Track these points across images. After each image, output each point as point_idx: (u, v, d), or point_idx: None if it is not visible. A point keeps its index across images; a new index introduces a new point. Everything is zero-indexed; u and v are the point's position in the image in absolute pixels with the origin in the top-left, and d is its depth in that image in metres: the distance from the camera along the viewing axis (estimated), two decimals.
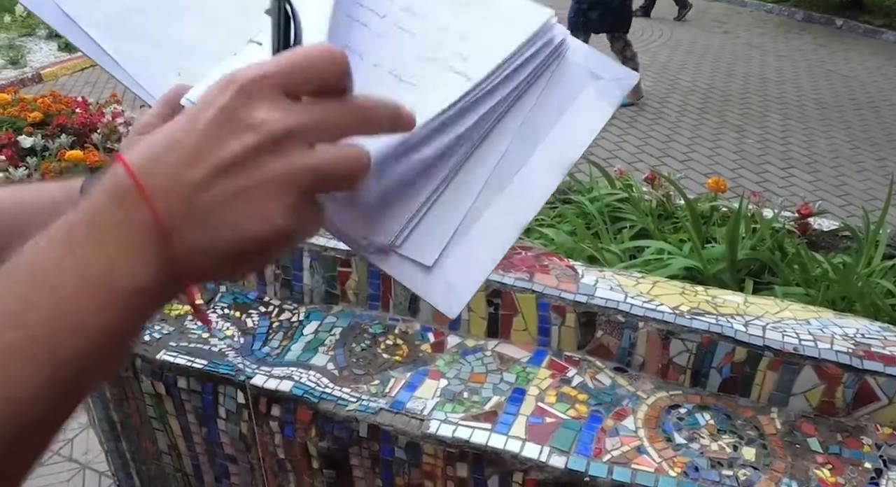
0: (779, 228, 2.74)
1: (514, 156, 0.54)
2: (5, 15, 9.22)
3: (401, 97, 0.48)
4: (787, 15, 10.44)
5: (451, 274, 0.50)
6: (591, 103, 0.56)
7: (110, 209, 0.34)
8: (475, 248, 0.51)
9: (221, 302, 1.68)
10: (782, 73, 7.24)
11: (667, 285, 1.48)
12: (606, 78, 0.57)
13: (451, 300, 0.49)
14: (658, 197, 2.93)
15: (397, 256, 0.49)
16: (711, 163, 4.80)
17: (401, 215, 0.49)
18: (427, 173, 0.50)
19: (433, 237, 0.50)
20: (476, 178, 0.52)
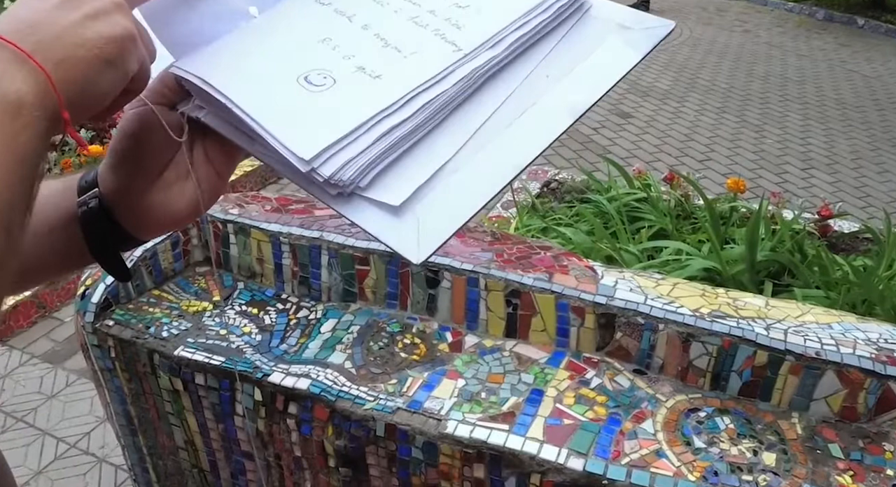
0: (799, 230, 2.72)
1: (519, 100, 0.51)
2: None
3: (383, 62, 0.50)
4: (809, 14, 10.35)
5: (423, 215, 0.46)
6: (615, 51, 0.53)
7: None
8: (458, 189, 0.47)
9: (239, 299, 1.68)
10: (803, 73, 7.17)
11: (687, 287, 1.47)
12: (635, 28, 0.54)
13: (419, 243, 0.45)
14: (677, 197, 2.91)
15: (361, 199, 0.46)
16: (731, 163, 4.76)
17: (371, 151, 0.46)
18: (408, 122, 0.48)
19: (405, 178, 0.47)
20: (466, 124, 0.50)
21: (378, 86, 0.49)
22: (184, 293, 1.70)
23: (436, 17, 0.53)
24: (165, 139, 0.51)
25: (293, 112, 0.48)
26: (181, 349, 1.50)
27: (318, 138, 0.46)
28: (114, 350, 1.58)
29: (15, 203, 0.39)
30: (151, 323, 1.57)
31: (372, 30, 0.53)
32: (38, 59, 0.41)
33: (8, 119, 0.39)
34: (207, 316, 1.62)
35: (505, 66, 0.52)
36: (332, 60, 0.51)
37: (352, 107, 0.47)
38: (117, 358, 1.59)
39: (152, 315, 1.61)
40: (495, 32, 0.52)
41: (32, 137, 0.40)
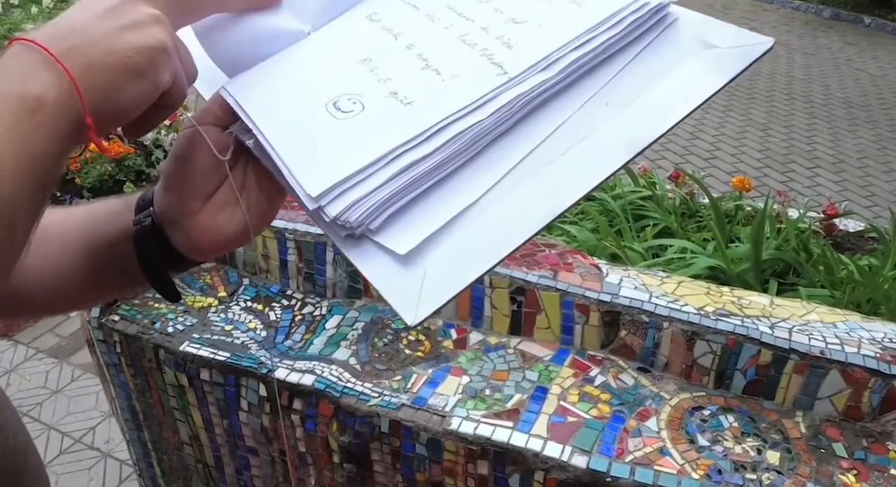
0: (804, 229, 2.71)
1: (571, 133, 0.44)
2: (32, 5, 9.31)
3: (419, 86, 0.45)
4: (815, 12, 10.32)
5: (428, 272, 0.41)
6: (694, 74, 0.45)
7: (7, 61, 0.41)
8: (473, 242, 0.41)
9: (244, 295, 1.68)
10: (809, 72, 7.16)
11: (692, 285, 1.47)
12: (722, 47, 0.46)
13: (419, 301, 0.40)
14: (682, 195, 2.91)
15: (369, 243, 0.42)
16: (736, 161, 4.76)
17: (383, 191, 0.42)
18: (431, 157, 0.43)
19: (418, 223, 0.42)
20: (501, 160, 0.43)
21: (407, 114, 0.44)
22: (189, 289, 1.71)
23: (487, 34, 0.47)
24: (216, 161, 0.50)
25: (312, 142, 0.44)
26: (186, 344, 1.50)
27: (329, 174, 0.42)
28: (119, 345, 1.59)
29: (21, 200, 0.39)
30: (157, 319, 1.58)
31: (416, 49, 0.48)
32: (65, 63, 0.41)
33: (25, 116, 0.39)
34: (213, 312, 1.62)
35: (559, 93, 0.45)
36: (365, 84, 0.46)
37: (373, 138, 0.43)
38: (123, 353, 1.59)
39: (158, 310, 1.61)
40: (550, 52, 0.45)
41: (48, 137, 0.40)
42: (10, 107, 0.39)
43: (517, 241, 0.41)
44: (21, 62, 0.41)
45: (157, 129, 3.76)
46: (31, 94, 0.40)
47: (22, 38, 0.42)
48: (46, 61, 0.41)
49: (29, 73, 0.40)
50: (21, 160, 0.39)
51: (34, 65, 0.41)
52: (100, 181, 3.42)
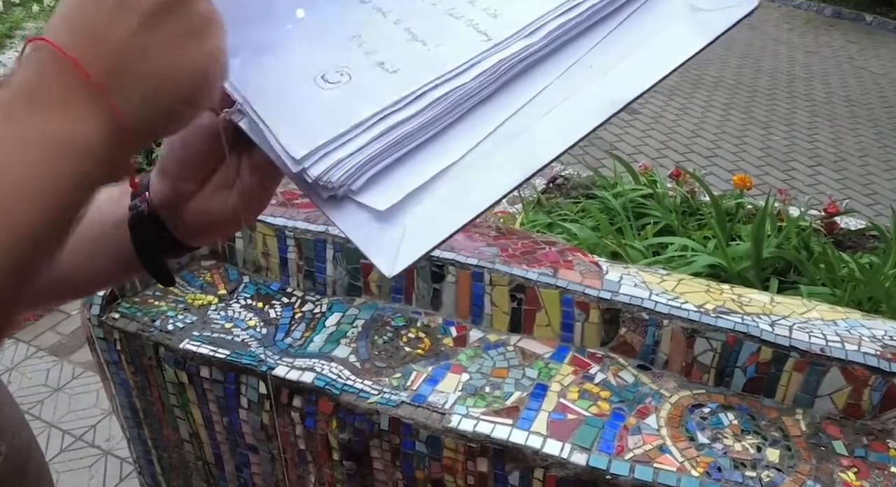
0: (805, 227, 2.71)
1: (552, 96, 0.45)
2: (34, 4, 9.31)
3: (405, 56, 0.46)
4: (816, 10, 10.31)
5: (408, 225, 0.42)
6: (676, 36, 0.45)
7: (42, 82, 0.35)
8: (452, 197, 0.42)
9: (244, 293, 1.68)
10: (810, 70, 7.15)
11: (692, 283, 1.47)
12: (708, 8, 0.46)
13: (397, 254, 0.41)
14: (683, 193, 2.91)
15: (351, 203, 0.43)
16: (737, 159, 4.75)
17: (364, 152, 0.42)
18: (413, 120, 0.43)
19: (399, 182, 0.43)
20: (483, 123, 0.44)
21: (392, 81, 0.45)
22: (189, 286, 1.71)
23: (474, 7, 0.47)
24: (211, 145, 0.50)
25: (299, 111, 0.45)
26: (186, 342, 1.50)
27: (313, 137, 0.42)
28: (119, 342, 1.59)
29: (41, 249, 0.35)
30: (157, 317, 1.58)
31: (403, 24, 0.48)
32: (112, 97, 0.35)
33: (64, 163, 0.34)
34: (213, 310, 1.62)
35: (544, 58, 0.45)
36: (353, 57, 0.47)
37: (357, 104, 0.44)
38: (123, 350, 1.59)
39: (158, 308, 1.61)
40: (535, 19, 0.45)
41: (83, 183, 0.36)
42: (49, 151, 0.34)
43: (494, 197, 0.42)
44: (57, 86, 0.35)
45: None
46: (76, 138, 0.35)
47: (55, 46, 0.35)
48: (90, 91, 0.35)
49: (79, 114, 0.35)
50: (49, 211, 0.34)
51: (82, 101, 0.35)
52: None
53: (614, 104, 0.43)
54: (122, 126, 0.36)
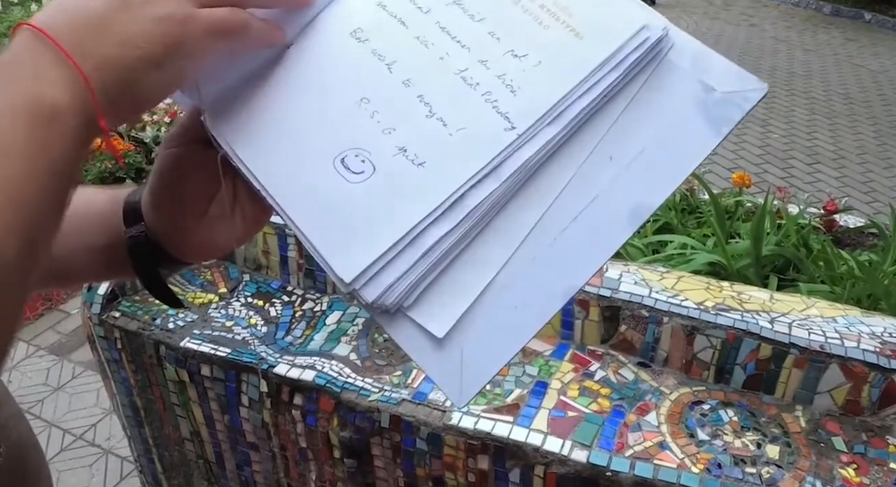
0: (804, 224, 2.71)
1: (575, 196, 0.43)
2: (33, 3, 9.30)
3: (427, 141, 0.44)
4: (815, 8, 10.32)
5: (467, 351, 0.41)
6: (693, 127, 0.43)
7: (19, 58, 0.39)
8: (504, 318, 0.42)
9: (245, 291, 1.69)
10: (809, 68, 7.15)
11: (692, 280, 1.47)
12: (720, 91, 0.43)
13: (462, 386, 0.41)
14: (682, 191, 2.91)
15: (406, 319, 0.42)
16: (736, 157, 4.75)
17: (414, 271, 0.42)
18: (455, 231, 0.42)
19: (449, 300, 0.42)
20: (516, 226, 0.43)
21: (422, 178, 0.43)
22: (190, 285, 1.71)
23: (488, 70, 0.45)
24: (206, 181, 0.49)
25: (330, 212, 0.43)
26: (187, 340, 1.51)
27: (359, 256, 0.42)
28: (120, 341, 1.59)
29: (44, 213, 0.37)
30: (158, 315, 1.58)
31: (414, 88, 0.45)
32: (77, 60, 0.38)
33: (42, 127, 0.37)
34: (213, 308, 1.63)
35: (564, 144, 0.44)
36: (370, 135, 0.45)
37: (394, 210, 0.42)
38: (123, 349, 1.60)
39: (158, 307, 1.61)
40: (556, 101, 0.43)
41: (66, 147, 0.38)
42: (25, 118, 0.36)
43: (543, 320, 0.42)
44: (32, 60, 0.38)
45: (157, 127, 3.76)
46: (46, 102, 0.37)
47: (30, 24, 0.39)
48: (59, 60, 0.38)
49: (42, 77, 0.38)
50: (41, 174, 0.36)
51: (46, 64, 0.38)
52: (100, 178, 3.42)
53: (645, 211, 0.42)
54: (92, 88, 0.38)
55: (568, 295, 0.42)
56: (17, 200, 0.35)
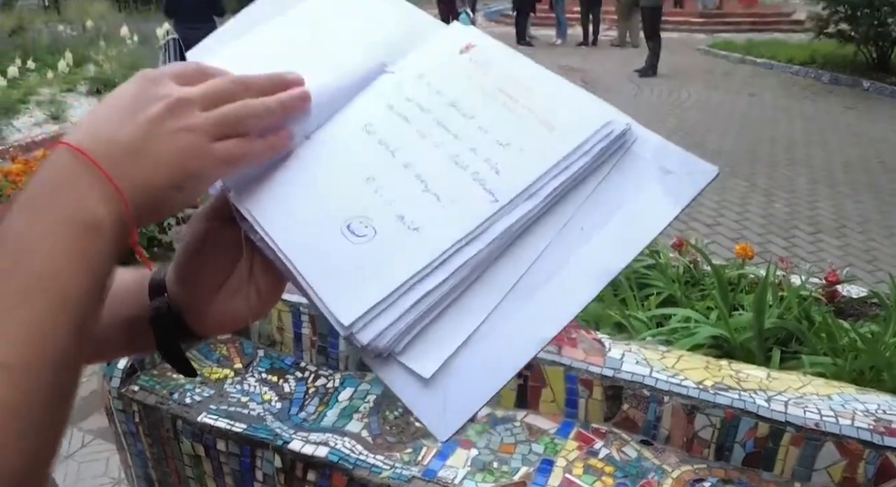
0: (806, 296, 2.75)
1: (551, 259, 0.49)
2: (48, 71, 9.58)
3: (422, 211, 0.51)
4: (814, 77, 10.54)
5: (450, 392, 0.46)
6: (653, 202, 0.50)
7: (64, 174, 0.45)
8: (484, 363, 0.47)
9: (259, 367, 1.74)
10: (809, 136, 7.29)
11: (691, 359, 1.52)
12: (677, 172, 0.50)
13: (444, 422, 0.46)
14: (685, 263, 2.96)
15: (395, 362, 0.47)
16: (739, 227, 4.83)
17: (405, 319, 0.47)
18: (443, 285, 0.48)
19: (435, 346, 0.47)
20: (497, 285, 0.49)
21: (416, 240, 0.50)
22: (206, 360, 1.77)
23: (476, 156, 0.53)
24: (226, 256, 0.56)
25: (335, 267, 0.50)
26: (203, 415, 1.55)
27: (357, 303, 0.48)
28: (138, 414, 1.64)
29: (88, 312, 0.44)
30: (175, 390, 1.63)
31: (413, 169, 0.53)
32: (117, 182, 0.45)
33: (86, 238, 0.44)
34: (229, 384, 1.68)
35: (541, 216, 0.51)
36: (374, 206, 0.52)
37: (390, 266, 0.49)
38: (141, 422, 1.64)
39: (176, 381, 1.67)
40: (533, 180, 0.50)
41: (105, 253, 0.45)
42: (74, 233, 0.43)
43: (519, 364, 0.47)
44: (75, 178, 0.44)
45: None
46: (91, 219, 0.43)
47: (72, 146, 0.45)
48: (99, 180, 0.44)
49: (87, 196, 0.44)
50: (85, 277, 0.43)
51: (88, 183, 0.44)
52: None
53: (608, 273, 0.48)
54: (126, 206, 0.45)
55: (540, 345, 0.47)
56: (68, 301, 0.42)
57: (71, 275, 0.43)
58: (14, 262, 0.42)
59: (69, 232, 0.43)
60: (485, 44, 0.60)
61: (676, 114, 8.19)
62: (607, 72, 10.94)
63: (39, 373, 0.41)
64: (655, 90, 9.64)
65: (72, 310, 0.42)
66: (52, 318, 0.42)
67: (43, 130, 7.60)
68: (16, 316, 0.41)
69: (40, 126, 7.77)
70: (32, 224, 0.43)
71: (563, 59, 12.20)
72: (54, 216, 0.43)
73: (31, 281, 0.42)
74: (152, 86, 0.49)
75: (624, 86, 9.87)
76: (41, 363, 0.41)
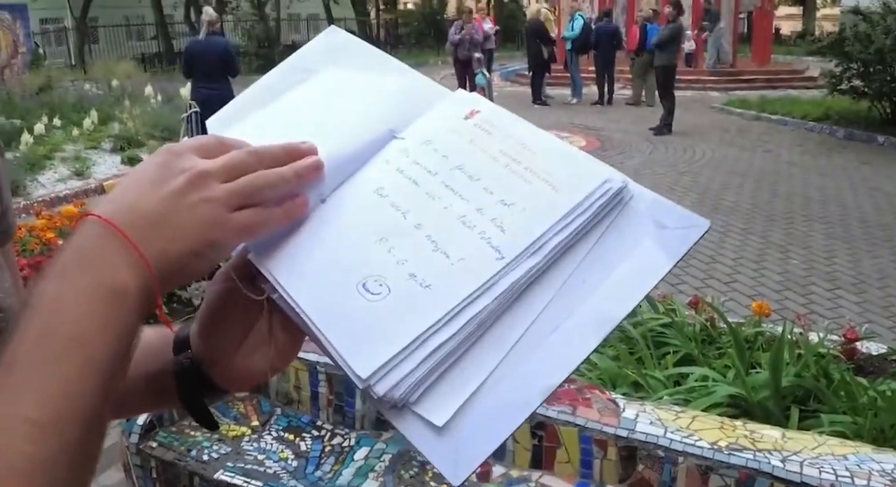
0: (824, 353, 2.73)
1: (555, 312, 0.52)
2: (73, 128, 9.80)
3: (433, 269, 0.54)
4: (829, 132, 10.58)
5: (462, 439, 0.48)
6: (649, 256, 0.53)
7: (93, 245, 0.47)
8: (494, 411, 0.49)
9: (276, 425, 1.76)
10: (825, 192, 7.29)
11: (706, 419, 1.52)
12: (671, 227, 0.53)
13: (457, 467, 0.48)
14: (702, 321, 2.96)
15: (410, 412, 0.49)
16: (756, 284, 4.81)
17: (419, 371, 0.50)
18: (454, 338, 0.51)
19: (447, 396, 0.50)
20: (504, 337, 0.51)
21: (428, 297, 0.53)
22: (224, 417, 1.79)
23: (482, 216, 0.56)
24: (246, 312, 0.59)
25: (352, 323, 0.53)
26: (221, 473, 1.57)
27: (374, 357, 0.50)
28: (156, 470, 1.65)
29: (115, 373, 0.47)
30: (193, 446, 1.65)
31: (424, 230, 0.56)
32: (142, 250, 0.47)
33: (114, 305, 0.47)
34: (246, 441, 1.70)
35: (545, 271, 0.53)
36: (387, 265, 0.55)
37: (404, 321, 0.52)
38: (158, 478, 1.66)
39: (193, 438, 1.69)
40: (537, 237, 0.53)
41: (132, 318, 0.48)
42: (103, 299, 0.46)
43: (526, 412, 0.49)
44: (104, 248, 0.47)
45: None
46: (118, 286, 0.46)
47: (101, 217, 0.48)
48: (127, 250, 0.47)
49: (114, 264, 0.46)
50: (113, 341, 0.46)
51: (116, 252, 0.47)
52: None
53: (610, 323, 0.51)
54: (151, 273, 0.48)
55: (546, 393, 0.49)
56: (96, 363, 0.45)
57: (99, 339, 0.46)
58: (47, 326, 0.45)
59: (98, 298, 0.46)
60: (488, 109, 0.64)
61: (692, 171, 8.23)
62: (622, 130, 11.06)
63: (67, 431, 0.44)
64: (670, 148, 9.71)
65: (99, 372, 0.45)
66: (81, 379, 0.45)
67: (67, 186, 7.74)
68: (46, 377, 0.44)
69: (65, 182, 7.92)
70: (64, 290, 0.46)
71: (579, 117, 12.35)
72: (85, 283, 0.46)
73: (62, 343, 0.45)
74: (175, 159, 0.52)
75: (639, 144, 9.95)
76: (69, 421, 0.44)
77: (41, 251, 3.45)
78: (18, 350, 0.45)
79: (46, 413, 0.43)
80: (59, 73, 15.26)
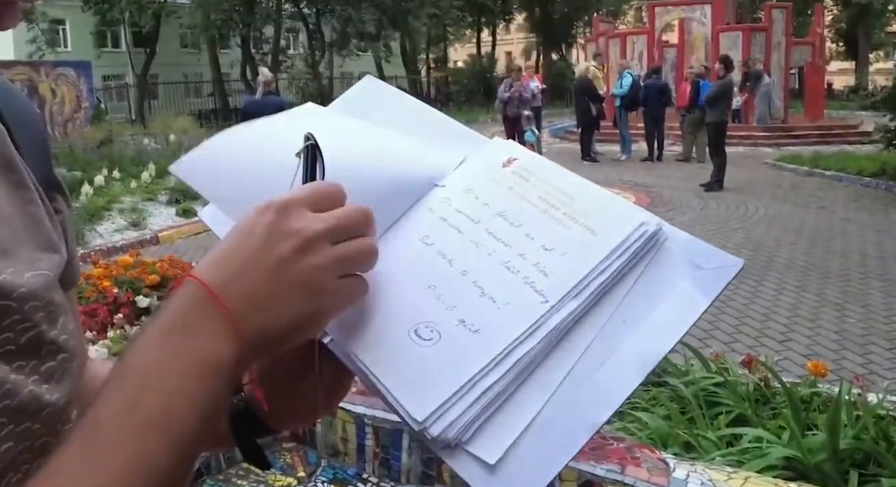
0: (884, 415, 2.65)
1: (597, 351, 0.53)
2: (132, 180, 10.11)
3: (480, 314, 0.56)
4: (885, 188, 10.37)
5: (514, 476, 0.50)
6: (685, 296, 0.54)
7: (193, 314, 0.47)
8: (543, 448, 0.50)
9: (322, 476, 1.76)
10: (883, 249, 7.12)
11: (759, 480, 1.48)
12: (706, 267, 0.55)
13: None
14: (755, 381, 2.90)
15: (463, 451, 0.51)
16: (812, 343, 4.69)
17: (471, 411, 0.52)
18: (503, 379, 0.53)
19: (498, 434, 0.51)
20: (550, 377, 0.53)
21: (477, 341, 0.55)
22: (271, 467, 1.79)
23: (525, 260, 0.58)
24: (298, 356, 0.60)
25: (406, 369, 0.55)
26: None
27: (428, 400, 0.53)
28: None
29: (197, 445, 0.47)
30: None
31: (470, 276, 0.58)
32: (241, 326, 0.47)
33: (207, 382, 0.46)
34: None
35: (587, 312, 0.55)
36: (437, 312, 0.57)
37: (455, 365, 0.54)
38: None
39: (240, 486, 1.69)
40: (579, 280, 0.55)
41: (223, 388, 0.48)
42: (197, 375, 0.45)
43: (574, 449, 0.51)
44: (204, 319, 0.46)
45: None
46: (213, 361, 0.46)
47: (201, 281, 0.47)
48: (225, 323, 0.46)
49: (213, 338, 0.46)
50: (205, 409, 0.46)
51: (217, 327, 0.46)
52: None
53: (651, 361, 0.52)
54: (245, 347, 0.48)
55: (593, 430, 0.51)
56: (179, 439, 0.45)
57: (187, 415, 0.45)
58: (135, 399, 0.45)
59: (193, 373, 0.46)
60: (524, 156, 0.66)
61: (745, 227, 8.12)
62: (673, 186, 10.99)
63: None
64: (722, 204, 9.61)
65: (181, 446, 0.45)
66: (161, 453, 0.44)
67: (123, 236, 7.96)
68: (124, 451, 0.43)
69: (121, 232, 8.15)
70: (156, 361, 0.46)
71: (628, 174, 12.33)
72: (180, 354, 0.46)
73: (148, 418, 0.44)
74: (285, 219, 0.49)
75: (690, 201, 9.87)
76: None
77: (96, 299, 3.54)
78: (106, 411, 0.45)
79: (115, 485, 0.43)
80: (119, 128, 15.87)
